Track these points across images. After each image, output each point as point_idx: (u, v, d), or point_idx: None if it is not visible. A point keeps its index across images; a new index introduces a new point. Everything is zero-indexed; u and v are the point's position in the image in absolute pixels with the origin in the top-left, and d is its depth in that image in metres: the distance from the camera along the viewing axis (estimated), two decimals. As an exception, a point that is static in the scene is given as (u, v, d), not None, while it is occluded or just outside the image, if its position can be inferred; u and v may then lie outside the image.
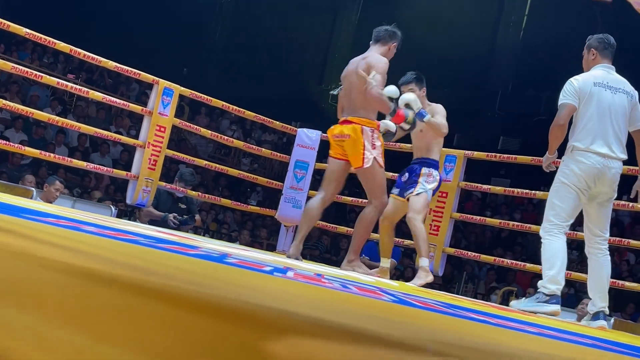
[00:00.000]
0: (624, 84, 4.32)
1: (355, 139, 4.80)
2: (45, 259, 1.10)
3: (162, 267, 1.58)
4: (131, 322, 0.71)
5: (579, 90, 4.20)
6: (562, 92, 4.25)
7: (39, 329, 0.61)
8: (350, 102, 4.91)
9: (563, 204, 4.15)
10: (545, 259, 4.18)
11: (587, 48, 4.47)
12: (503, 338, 1.73)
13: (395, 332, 0.97)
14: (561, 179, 4.19)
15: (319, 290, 2.04)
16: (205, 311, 0.80)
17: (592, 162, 4.12)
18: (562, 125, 4.20)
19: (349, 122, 4.85)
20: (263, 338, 0.71)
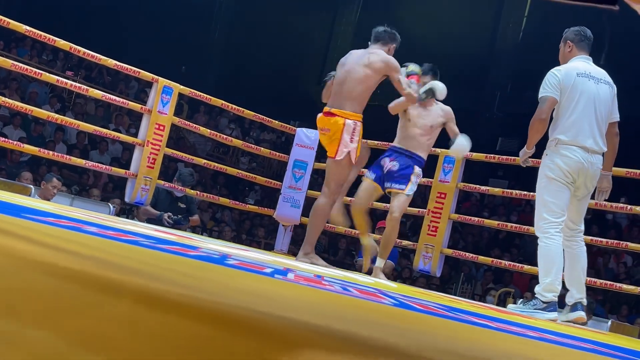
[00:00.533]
0: (604, 75, 4.28)
1: (334, 133, 4.81)
2: (47, 264, 1.09)
3: (165, 271, 1.57)
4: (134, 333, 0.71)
5: (562, 82, 4.14)
6: (543, 84, 4.18)
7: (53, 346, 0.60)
8: (341, 92, 4.88)
9: (555, 199, 4.09)
10: (542, 265, 4.13)
11: (563, 41, 4.45)
12: (505, 345, 1.73)
13: (403, 341, 0.96)
14: (548, 173, 4.13)
15: (321, 294, 2.04)
16: (214, 322, 0.80)
17: (577, 157, 4.07)
18: (544, 119, 4.13)
19: (333, 115, 4.84)
20: (272, 350, 0.71)
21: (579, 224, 4.31)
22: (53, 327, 0.68)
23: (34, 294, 0.81)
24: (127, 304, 0.83)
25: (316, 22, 16.71)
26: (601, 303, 9.48)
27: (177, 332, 0.72)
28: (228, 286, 1.52)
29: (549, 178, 4.11)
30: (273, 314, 0.99)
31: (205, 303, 0.98)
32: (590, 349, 2.30)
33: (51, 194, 6.37)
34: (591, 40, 4.41)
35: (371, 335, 0.99)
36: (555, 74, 4.18)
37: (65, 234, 2.04)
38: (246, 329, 0.79)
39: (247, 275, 2.12)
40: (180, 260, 2.10)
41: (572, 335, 2.85)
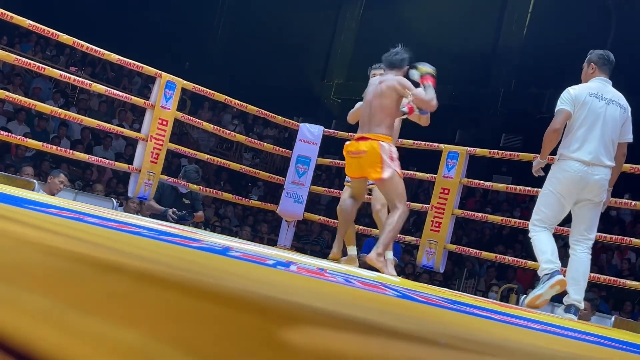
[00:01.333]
0: (618, 97, 4.49)
1: (372, 155, 4.98)
2: (50, 247, 1.10)
3: (167, 257, 1.58)
4: (141, 309, 0.71)
5: (575, 99, 4.38)
6: (559, 100, 4.44)
7: (55, 312, 0.61)
8: (370, 120, 5.09)
9: (547, 211, 4.43)
10: (537, 250, 4.45)
11: (587, 62, 4.68)
12: (508, 333, 1.73)
13: (406, 325, 0.97)
14: (549, 187, 4.42)
15: (324, 284, 2.05)
16: (218, 300, 0.80)
17: (574, 169, 4.31)
18: (557, 129, 4.37)
19: (366, 139, 5.04)
20: (278, 327, 0.71)
21: (589, 232, 4.53)
22: (51, 292, 0.68)
23: (34, 267, 0.81)
24: (128, 280, 0.84)
25: (320, 18, 16.70)
26: (605, 299, 9.47)
27: (178, 308, 0.73)
28: (230, 272, 1.52)
29: (549, 191, 4.42)
30: (277, 297, 0.99)
31: (208, 285, 0.98)
32: (593, 341, 2.30)
33: (57, 188, 6.38)
34: (613, 63, 4.64)
35: (372, 318, 0.99)
36: (570, 91, 4.44)
37: (66, 222, 2.05)
38: (250, 307, 0.80)
39: (249, 265, 2.12)
40: (181, 249, 2.10)
41: (574, 329, 2.85)
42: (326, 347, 0.66)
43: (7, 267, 0.80)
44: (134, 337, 0.57)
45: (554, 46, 12.98)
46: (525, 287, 9.92)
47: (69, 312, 0.62)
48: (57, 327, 0.56)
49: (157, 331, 0.60)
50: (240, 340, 0.63)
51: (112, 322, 0.61)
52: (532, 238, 4.49)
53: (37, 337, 0.53)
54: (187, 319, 0.66)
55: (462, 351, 0.92)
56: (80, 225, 2.10)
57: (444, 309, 2.11)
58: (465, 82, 14.32)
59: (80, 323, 0.59)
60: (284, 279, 1.86)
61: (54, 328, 0.56)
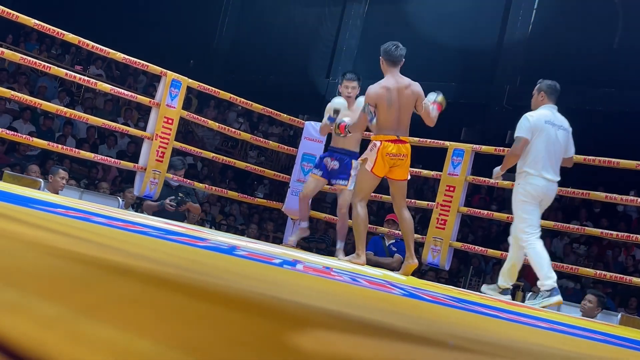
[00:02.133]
0: (564, 122, 5.30)
1: (409, 158, 5.40)
2: (59, 249, 1.10)
3: (174, 258, 1.58)
4: (151, 314, 0.71)
5: (533, 127, 5.13)
6: (518, 126, 5.19)
7: (66, 319, 0.60)
8: (400, 122, 5.35)
9: (530, 216, 5.14)
10: (535, 263, 5.11)
11: (537, 90, 5.39)
12: (517, 333, 1.72)
13: (415, 327, 0.96)
14: (521, 198, 5.18)
15: (331, 283, 2.04)
16: (228, 303, 0.80)
17: (540, 184, 5.14)
18: (518, 155, 5.18)
19: (403, 142, 5.34)
20: (288, 331, 0.71)
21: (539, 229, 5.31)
22: (58, 298, 0.68)
23: (40, 271, 0.81)
24: (135, 283, 0.83)
25: (325, 15, 16.67)
26: (611, 296, 9.44)
27: (187, 312, 0.72)
28: (237, 273, 1.52)
29: (522, 201, 5.17)
30: (284, 299, 0.99)
31: (215, 287, 0.98)
32: (600, 339, 2.29)
33: (60, 185, 6.37)
34: (559, 92, 5.43)
35: (381, 320, 0.99)
36: (528, 119, 5.19)
37: (73, 223, 2.05)
38: (258, 310, 0.79)
39: (256, 264, 2.12)
40: (188, 249, 2.10)
41: (581, 327, 2.84)
42: (336, 351, 0.66)
43: (16, 271, 0.80)
44: (145, 344, 0.56)
45: (560, 43, 12.94)
46: (531, 284, 9.90)
47: (80, 318, 0.61)
48: (68, 335, 0.56)
49: (168, 337, 0.60)
50: (251, 345, 0.62)
51: (123, 329, 0.60)
52: (529, 250, 5.13)
53: (49, 345, 0.53)
54: (197, 324, 0.66)
55: (472, 353, 0.92)
56: (88, 225, 2.10)
57: (453, 309, 2.10)
58: (471, 79, 14.27)
59: (91, 330, 0.58)
60: (292, 279, 1.85)
61: (66, 335, 0.55)
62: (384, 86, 5.37)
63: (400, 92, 5.35)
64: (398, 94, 5.35)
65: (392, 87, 5.36)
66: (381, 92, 5.34)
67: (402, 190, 5.50)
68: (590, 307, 5.99)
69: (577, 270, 6.92)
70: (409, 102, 5.36)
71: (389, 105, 5.34)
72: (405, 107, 5.35)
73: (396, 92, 5.35)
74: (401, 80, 5.42)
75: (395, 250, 7.47)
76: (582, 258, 10.59)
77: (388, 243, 7.50)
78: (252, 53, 17.02)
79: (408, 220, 5.49)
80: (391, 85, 5.37)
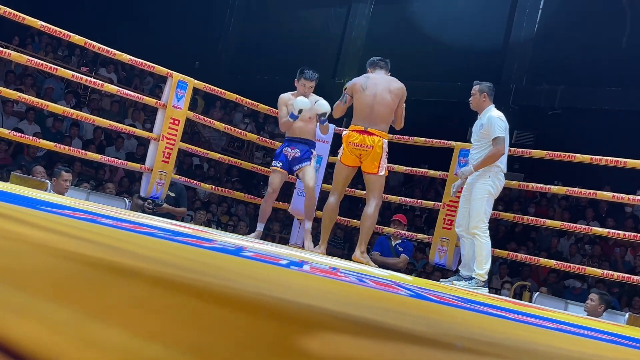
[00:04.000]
0: None
1: (376, 151, 5.50)
2: (66, 251, 1.10)
3: (181, 259, 1.58)
4: (159, 316, 0.71)
5: (505, 126, 5.60)
6: (497, 127, 5.53)
7: (74, 322, 0.61)
8: (372, 114, 5.53)
9: (490, 209, 5.60)
10: (485, 255, 5.49)
11: (479, 91, 5.81)
12: (525, 334, 1.72)
13: (423, 328, 0.96)
14: (491, 191, 5.56)
15: (337, 284, 2.04)
16: (236, 306, 0.80)
17: (503, 179, 5.68)
18: (503, 153, 5.55)
19: (371, 134, 5.49)
20: (296, 333, 0.71)
21: None
22: (66, 301, 0.68)
23: (48, 274, 0.81)
24: (143, 285, 0.84)
25: (330, 16, 16.67)
26: (617, 296, 9.41)
27: (195, 314, 0.73)
28: (244, 275, 1.52)
29: (490, 194, 5.55)
30: (291, 300, 0.99)
31: (222, 288, 0.98)
32: (608, 339, 2.28)
33: (64, 187, 6.38)
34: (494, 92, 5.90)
35: (388, 321, 0.98)
36: (502, 119, 5.63)
37: (80, 224, 2.05)
38: (266, 312, 0.79)
39: (263, 265, 2.12)
40: (195, 250, 2.11)
41: (589, 327, 2.83)
42: (343, 353, 0.66)
43: (24, 274, 0.80)
44: (154, 347, 0.57)
45: (566, 42, 12.91)
46: (538, 284, 9.88)
47: (88, 321, 0.62)
48: (77, 338, 0.56)
49: (177, 340, 0.60)
50: (259, 347, 0.62)
51: (131, 332, 0.60)
52: (483, 241, 5.49)
53: (57, 349, 0.53)
54: (205, 326, 0.66)
55: (479, 354, 0.92)
56: (96, 227, 2.11)
57: (459, 309, 2.10)
58: (476, 78, 14.16)
59: (100, 333, 0.59)
60: (300, 280, 1.86)
61: (74, 339, 0.56)
62: (362, 76, 5.70)
63: (379, 84, 5.56)
64: (375, 84, 5.55)
65: (370, 77, 5.64)
66: (357, 81, 5.66)
67: (371, 184, 5.63)
68: (593, 305, 5.99)
69: (584, 270, 6.90)
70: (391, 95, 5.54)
71: (362, 91, 5.55)
72: (382, 100, 5.51)
73: (373, 81, 5.58)
74: (384, 76, 5.66)
75: (401, 250, 7.47)
76: (586, 257, 10.56)
77: (394, 243, 7.51)
78: (258, 54, 17.02)
79: (368, 215, 5.63)
80: (370, 76, 5.66)
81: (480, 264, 5.50)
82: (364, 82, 5.65)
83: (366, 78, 5.70)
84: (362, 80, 5.69)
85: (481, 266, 5.49)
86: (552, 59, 13.17)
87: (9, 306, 0.63)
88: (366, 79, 5.69)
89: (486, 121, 5.64)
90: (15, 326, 0.57)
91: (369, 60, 5.91)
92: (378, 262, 7.05)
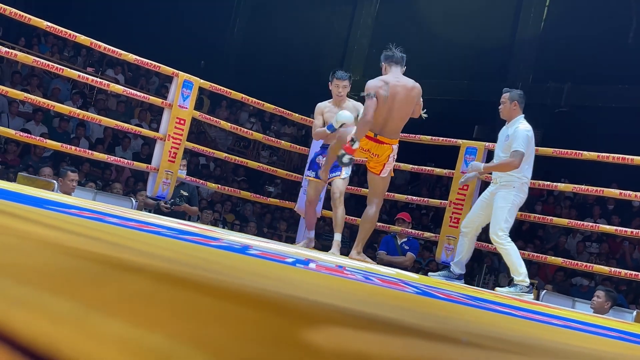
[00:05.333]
0: None
1: (382, 158, 5.43)
2: (72, 248, 1.10)
3: (187, 257, 1.58)
4: (164, 310, 0.71)
5: (530, 142, 5.43)
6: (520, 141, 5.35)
7: (78, 315, 0.61)
8: (387, 125, 5.34)
9: (512, 220, 5.55)
10: (515, 259, 5.43)
11: (510, 99, 5.52)
12: (530, 330, 1.72)
13: (428, 324, 0.96)
14: (515, 202, 5.48)
15: (344, 282, 2.04)
16: (240, 301, 0.80)
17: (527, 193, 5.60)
18: (516, 167, 5.39)
19: (380, 142, 5.37)
20: (300, 327, 0.71)
21: None
22: (70, 295, 0.69)
23: (53, 269, 0.82)
24: (147, 281, 0.84)
25: (335, 14, 16.66)
26: (624, 293, 9.38)
27: (200, 309, 0.73)
28: (250, 271, 1.52)
29: (515, 205, 5.49)
30: (297, 296, 0.99)
31: (227, 284, 0.98)
32: (615, 336, 2.28)
33: (71, 187, 6.40)
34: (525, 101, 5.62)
35: (394, 317, 0.98)
36: (528, 135, 5.41)
37: (86, 223, 2.06)
38: (271, 307, 0.79)
39: (268, 263, 2.12)
40: (201, 248, 2.11)
41: (595, 324, 2.82)
42: (349, 348, 0.66)
43: (29, 269, 0.81)
44: (157, 339, 0.57)
45: (572, 39, 12.87)
46: (545, 282, 9.86)
47: (92, 314, 0.62)
48: (80, 330, 0.56)
49: (180, 333, 0.60)
50: (263, 341, 0.62)
51: (135, 325, 0.60)
52: (508, 248, 5.45)
53: (60, 341, 0.53)
54: (210, 321, 0.66)
55: (485, 349, 0.91)
56: (101, 225, 2.11)
57: (466, 306, 2.09)
58: (482, 76, 14.23)
59: (103, 326, 0.59)
60: (305, 277, 1.85)
61: (77, 331, 0.56)
62: (382, 81, 5.31)
63: (398, 93, 5.27)
64: (394, 93, 5.26)
65: (391, 85, 5.28)
66: (379, 84, 5.29)
67: (374, 185, 5.58)
68: (599, 301, 5.98)
69: (591, 268, 6.88)
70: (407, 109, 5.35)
71: (383, 101, 5.24)
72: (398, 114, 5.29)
73: (393, 90, 5.27)
74: (402, 80, 5.34)
75: (407, 249, 7.47)
76: (593, 256, 10.53)
77: (400, 242, 7.50)
78: (263, 53, 17.03)
79: (369, 217, 5.58)
80: (389, 82, 5.29)
81: (515, 270, 5.43)
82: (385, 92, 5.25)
83: (386, 85, 5.28)
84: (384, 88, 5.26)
85: (517, 271, 5.41)
86: (558, 56, 13.14)
87: (14, 300, 0.63)
88: (386, 85, 5.27)
89: (512, 133, 5.44)
90: (19, 319, 0.57)
91: (384, 53, 5.50)
92: (384, 262, 7.05)
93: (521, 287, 5.35)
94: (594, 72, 12.46)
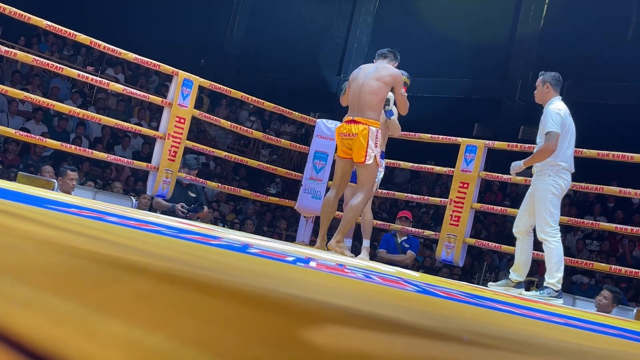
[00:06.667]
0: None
1: (360, 139, 5.26)
2: (73, 248, 1.10)
3: (188, 256, 1.58)
4: (165, 310, 0.71)
5: (564, 120, 5.03)
6: (551, 120, 5.00)
7: (80, 315, 0.61)
8: (360, 103, 5.33)
9: (557, 211, 5.07)
10: (555, 262, 5.05)
11: (542, 82, 5.30)
12: (531, 328, 1.72)
13: (429, 322, 0.96)
14: (553, 191, 5.04)
15: (344, 280, 2.04)
16: (241, 300, 0.80)
17: (570, 179, 5.13)
18: (553, 151, 4.99)
19: (357, 122, 5.30)
20: (301, 326, 0.71)
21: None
22: (71, 295, 0.69)
23: (54, 269, 0.82)
24: (148, 280, 0.84)
25: (335, 13, 16.66)
26: (624, 290, 9.38)
27: (202, 308, 0.73)
28: (250, 270, 1.52)
29: (554, 194, 5.04)
30: (298, 295, 0.99)
31: (228, 283, 0.98)
32: (616, 334, 2.28)
33: (70, 186, 6.39)
34: (562, 83, 5.39)
35: (395, 316, 0.98)
36: (559, 113, 5.02)
37: (86, 222, 2.06)
38: (271, 306, 0.79)
39: (269, 262, 2.12)
40: (201, 247, 2.11)
41: (596, 322, 2.82)
42: (350, 347, 0.66)
43: (30, 269, 0.81)
44: (159, 339, 0.57)
45: (572, 37, 12.87)
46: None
47: (93, 315, 0.62)
48: (81, 331, 0.56)
49: (182, 333, 0.60)
50: (264, 340, 0.62)
51: (137, 325, 0.60)
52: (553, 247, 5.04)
53: (62, 341, 0.53)
54: (211, 320, 0.66)
55: (486, 347, 0.91)
56: (102, 225, 2.11)
57: (466, 304, 2.09)
58: (483, 74, 14.23)
59: (105, 326, 0.59)
60: (306, 276, 1.85)
61: (79, 331, 0.56)
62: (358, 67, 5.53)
63: (368, 73, 5.38)
64: (365, 73, 5.38)
65: (363, 67, 5.50)
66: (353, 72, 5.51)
67: (358, 174, 5.44)
68: (606, 303, 5.96)
69: (592, 266, 6.88)
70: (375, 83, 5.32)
71: (353, 81, 5.42)
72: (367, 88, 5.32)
73: (364, 71, 5.43)
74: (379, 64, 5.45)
75: (407, 247, 7.46)
76: (594, 254, 10.52)
77: (400, 240, 7.50)
78: (263, 51, 17.03)
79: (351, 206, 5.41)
80: (363, 66, 5.52)
81: (550, 272, 5.04)
82: (356, 72, 5.52)
83: (359, 69, 5.56)
84: (355, 71, 5.56)
85: (552, 274, 5.03)
86: (558, 54, 13.12)
87: (14, 300, 0.63)
88: (358, 69, 5.55)
89: (543, 115, 5.11)
90: (20, 319, 0.57)
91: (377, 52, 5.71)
92: (385, 260, 7.05)
93: (549, 291, 5.02)
94: (594, 69, 12.46)
